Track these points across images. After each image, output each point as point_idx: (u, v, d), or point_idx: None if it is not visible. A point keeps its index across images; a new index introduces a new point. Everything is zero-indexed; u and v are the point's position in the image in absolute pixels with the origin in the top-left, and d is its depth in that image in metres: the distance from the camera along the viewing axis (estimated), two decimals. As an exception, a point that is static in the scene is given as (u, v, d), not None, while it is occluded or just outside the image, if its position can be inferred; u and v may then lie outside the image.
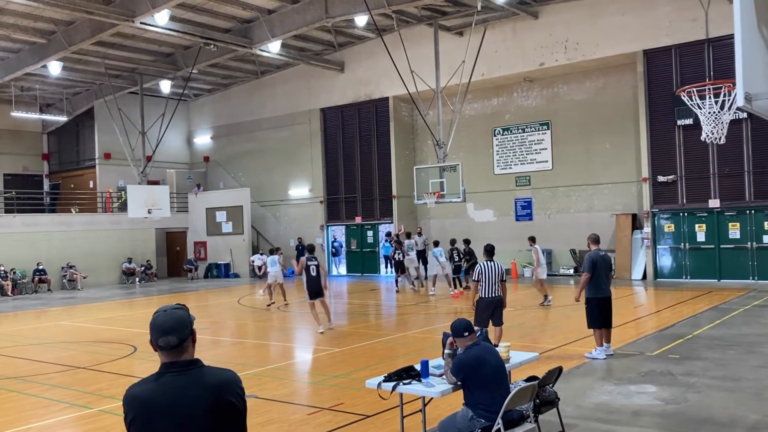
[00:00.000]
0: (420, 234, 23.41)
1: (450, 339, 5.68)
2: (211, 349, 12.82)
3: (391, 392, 5.73)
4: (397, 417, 6.20)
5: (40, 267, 26.59)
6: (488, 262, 10.11)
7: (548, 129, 25.43)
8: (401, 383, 5.73)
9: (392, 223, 28.17)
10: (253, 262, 27.73)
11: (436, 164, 21.48)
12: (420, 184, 21.62)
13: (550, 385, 5.99)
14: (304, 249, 30.42)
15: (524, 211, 26.02)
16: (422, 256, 22.88)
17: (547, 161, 25.50)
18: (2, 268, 25.48)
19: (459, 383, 5.47)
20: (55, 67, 25.56)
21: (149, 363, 11.31)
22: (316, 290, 13.61)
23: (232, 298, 21.76)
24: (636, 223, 23.28)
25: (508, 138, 26.39)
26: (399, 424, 6.09)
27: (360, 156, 29.47)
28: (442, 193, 20.67)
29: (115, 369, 10.87)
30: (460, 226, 27.18)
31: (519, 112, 26.17)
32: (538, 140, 25.70)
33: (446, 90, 21.99)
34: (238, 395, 2.80)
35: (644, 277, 22.53)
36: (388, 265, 28.56)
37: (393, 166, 28.13)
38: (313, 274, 13.60)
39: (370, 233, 29.48)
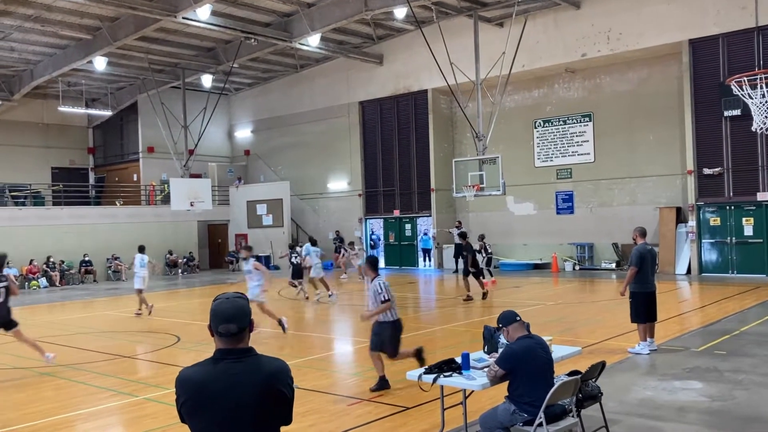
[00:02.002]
0: (459, 227, 23.34)
1: (503, 329, 5.60)
2: (251, 340, 12.97)
3: (432, 384, 5.73)
4: (437, 409, 6.20)
5: (86, 258, 27.27)
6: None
7: (590, 121, 25.04)
8: (442, 375, 5.72)
9: (430, 216, 28.12)
10: (290, 254, 27.87)
11: (476, 157, 21.33)
12: (459, 177, 21.50)
13: (593, 380, 5.91)
14: (343, 242, 30.68)
15: (565, 204, 25.69)
16: (459, 252, 22.91)
17: (588, 153, 25.12)
18: (51, 260, 26.22)
19: (501, 376, 5.40)
20: (100, 63, 26.12)
21: (192, 353, 11.52)
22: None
23: (271, 290, 21.97)
24: (680, 217, 22.79)
25: (549, 130, 26.07)
26: (439, 417, 6.09)
27: (398, 149, 29.45)
28: (481, 186, 20.52)
29: (158, 358, 11.09)
30: (499, 219, 27.00)
31: (560, 104, 25.82)
32: (579, 132, 25.32)
33: (486, 82, 21.80)
34: (288, 385, 2.87)
35: (688, 271, 22.06)
36: (426, 258, 28.58)
37: (431, 158, 28.04)
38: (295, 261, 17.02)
39: (408, 226, 29.46)
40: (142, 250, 16.95)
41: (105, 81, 30.72)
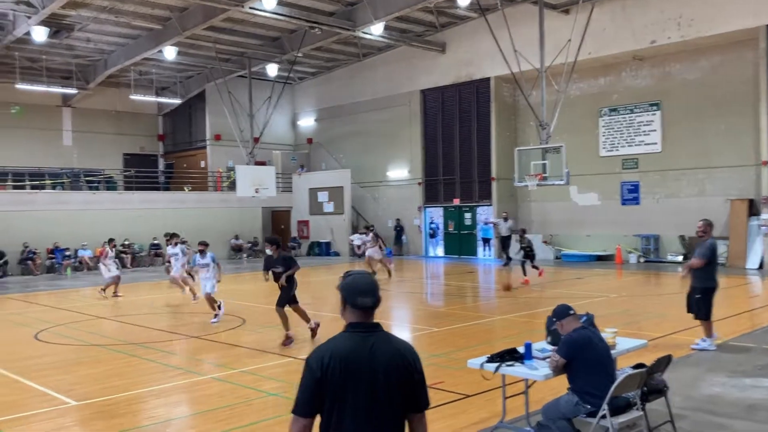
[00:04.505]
0: (506, 219, 23.08)
1: (556, 322, 5.62)
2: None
3: (494, 373, 5.76)
4: (498, 398, 6.22)
5: (156, 241, 28.23)
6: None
7: (658, 109, 24.33)
8: (504, 365, 5.73)
9: (491, 205, 27.91)
10: (352, 241, 28.24)
11: (539, 146, 21.02)
12: (521, 166, 21.24)
13: (659, 374, 5.83)
14: (402, 230, 30.80)
15: (631, 194, 25.09)
16: (506, 241, 22.74)
17: (656, 143, 24.43)
18: (124, 242, 27.29)
19: (563, 364, 5.39)
20: (170, 52, 26.87)
21: (256, 335, 11.84)
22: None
23: (332, 276, 22.28)
24: (752, 210, 21.95)
25: (615, 119, 25.46)
26: (500, 405, 6.11)
27: (459, 137, 29.30)
28: (544, 175, 20.23)
29: (224, 339, 11.45)
30: (561, 209, 26.59)
31: (627, 92, 25.16)
32: (647, 121, 24.64)
33: (551, 69, 21.42)
34: (419, 361, 3.03)
35: (761, 266, 21.26)
36: (486, 248, 28.42)
37: (493, 147, 27.80)
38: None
39: (468, 215, 29.32)
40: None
41: (174, 70, 31.59)
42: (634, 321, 12.19)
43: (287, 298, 10.89)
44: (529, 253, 18.48)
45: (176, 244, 17.20)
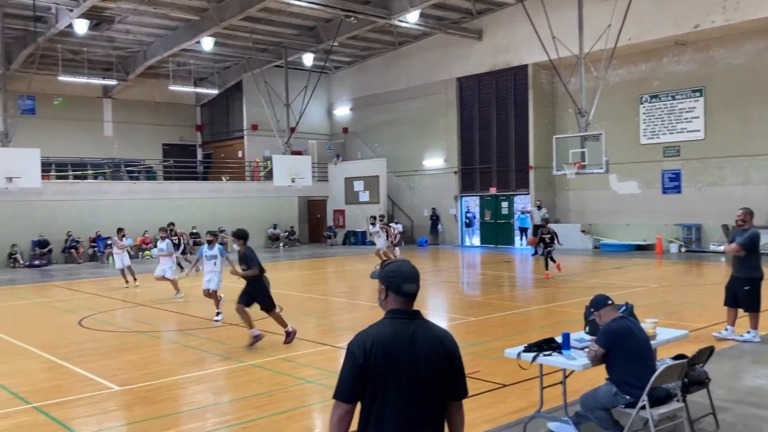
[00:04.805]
0: (540, 208, 22.82)
1: (594, 313, 5.55)
2: (350, 312, 13.33)
3: (531, 363, 5.71)
4: (536, 388, 6.17)
5: (194, 230, 28.63)
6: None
7: (701, 96, 23.74)
8: (541, 354, 5.68)
9: (528, 194, 27.64)
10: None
11: (578, 133, 20.70)
12: (559, 155, 20.93)
13: (701, 365, 5.71)
14: (438, 219, 30.72)
15: (672, 183, 24.58)
16: (537, 231, 22.47)
17: (698, 130, 23.86)
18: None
19: (602, 354, 5.32)
20: (207, 43, 27.14)
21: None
22: None
23: (367, 265, 22.34)
24: (800, 198, 21.32)
25: (656, 106, 24.93)
26: (538, 395, 6.06)
27: (496, 125, 29.04)
28: (583, 163, 19.93)
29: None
30: (600, 198, 26.20)
31: (669, 78, 24.60)
32: (689, 108, 24.08)
33: (590, 56, 21.03)
34: (458, 349, 3.04)
35: (808, 256, 20.65)
36: (523, 237, 28.17)
37: (531, 135, 27.48)
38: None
39: (504, 204, 29.10)
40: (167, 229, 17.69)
41: (212, 60, 31.91)
42: (674, 311, 11.97)
43: (247, 297, 9.99)
44: (548, 244, 17.53)
45: (164, 238, 16.62)
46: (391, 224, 27.64)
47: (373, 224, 20.96)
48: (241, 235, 10.15)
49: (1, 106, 22.49)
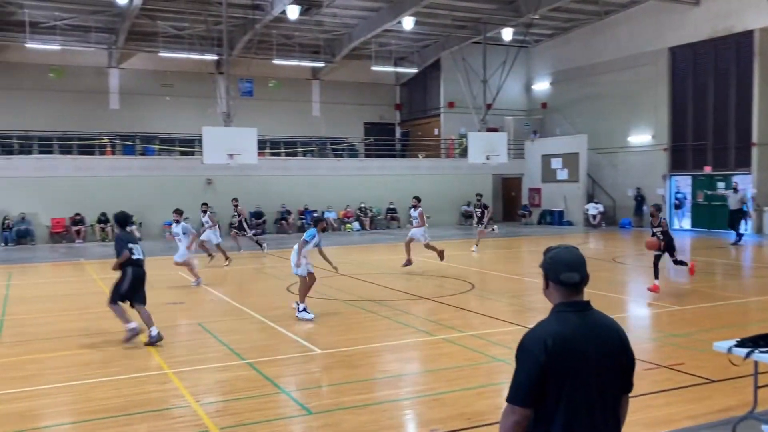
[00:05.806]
0: (736, 191, 20.44)
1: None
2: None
3: (745, 359, 5.20)
4: (749, 386, 5.63)
5: (392, 206, 29.68)
6: None
7: None
8: (757, 350, 5.15)
9: (750, 174, 24.99)
10: (587, 210, 27.27)
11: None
12: (789, 130, 18.67)
13: None
14: (643, 200, 28.89)
15: None
16: (735, 216, 21.30)
17: None
18: (363, 205, 29.18)
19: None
20: (408, 23, 27.68)
21: (485, 300, 11.96)
22: None
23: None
24: None
25: None
26: (751, 395, 5.52)
27: (714, 98, 26.50)
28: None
29: (454, 302, 11.72)
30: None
31: None
32: None
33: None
34: (628, 339, 2.81)
35: None
36: (743, 222, 25.52)
37: (755, 109, 24.73)
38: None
39: (721, 185, 26.52)
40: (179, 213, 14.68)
41: (411, 40, 32.54)
42: None
43: (117, 293, 8.81)
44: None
45: (177, 222, 14.61)
46: (591, 204, 26.53)
47: (415, 207, 16.45)
48: (117, 219, 9.11)
49: (224, 89, 24.79)
